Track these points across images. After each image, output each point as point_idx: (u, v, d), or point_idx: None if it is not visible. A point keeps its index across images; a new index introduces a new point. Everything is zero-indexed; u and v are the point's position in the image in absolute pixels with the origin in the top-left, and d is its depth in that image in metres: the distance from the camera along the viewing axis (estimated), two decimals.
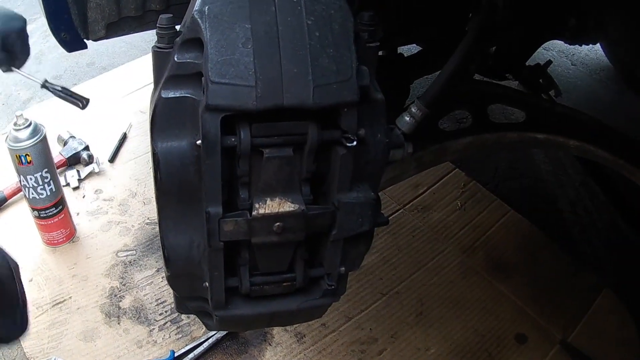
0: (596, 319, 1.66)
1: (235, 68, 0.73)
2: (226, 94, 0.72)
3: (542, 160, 2.23)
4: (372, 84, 0.81)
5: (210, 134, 0.74)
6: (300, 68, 0.73)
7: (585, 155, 1.39)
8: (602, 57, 2.59)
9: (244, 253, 0.85)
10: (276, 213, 0.80)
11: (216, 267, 0.83)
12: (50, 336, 1.59)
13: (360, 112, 0.78)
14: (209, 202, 0.79)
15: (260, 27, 0.74)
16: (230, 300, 0.88)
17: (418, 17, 1.38)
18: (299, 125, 0.77)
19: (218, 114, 0.73)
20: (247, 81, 0.72)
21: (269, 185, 0.79)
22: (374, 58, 0.82)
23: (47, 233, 1.77)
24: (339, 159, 0.79)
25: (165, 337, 1.60)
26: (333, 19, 0.77)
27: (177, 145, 0.80)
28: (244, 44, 0.73)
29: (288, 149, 0.78)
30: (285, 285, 0.89)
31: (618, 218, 1.60)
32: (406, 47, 1.87)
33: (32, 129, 1.59)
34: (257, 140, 0.76)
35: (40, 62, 2.78)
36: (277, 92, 0.73)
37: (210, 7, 0.75)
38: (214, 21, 0.74)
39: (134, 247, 1.81)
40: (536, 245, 1.84)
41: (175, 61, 0.78)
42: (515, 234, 1.87)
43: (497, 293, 1.71)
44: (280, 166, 0.78)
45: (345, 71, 0.75)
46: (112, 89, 2.39)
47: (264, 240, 0.81)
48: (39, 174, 1.64)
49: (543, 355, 1.59)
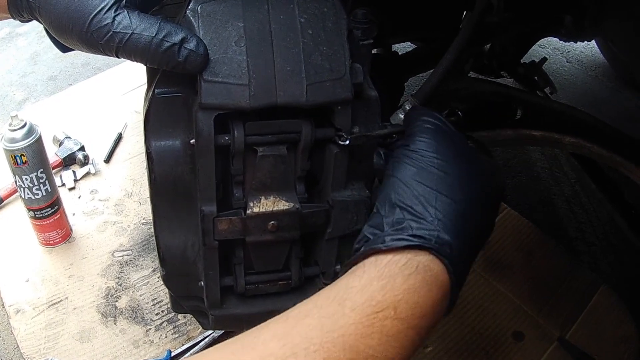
0: (594, 316, 1.66)
1: (228, 66, 0.73)
2: (219, 92, 0.72)
3: (538, 157, 2.23)
4: (366, 81, 0.81)
5: (204, 132, 0.74)
6: (294, 66, 0.73)
7: (581, 152, 1.39)
8: (598, 54, 2.59)
9: (239, 252, 0.85)
10: (271, 211, 0.80)
11: (211, 266, 0.83)
12: (47, 336, 1.59)
13: (354, 109, 0.78)
14: (204, 201, 0.79)
15: (253, 25, 0.74)
16: (225, 299, 0.88)
17: (413, 15, 1.38)
18: (293, 124, 0.77)
19: (211, 112, 0.73)
20: (240, 80, 0.72)
21: (263, 183, 0.79)
22: (367, 56, 0.82)
23: (43, 233, 1.77)
24: (333, 157, 0.79)
25: (162, 336, 1.60)
26: (326, 16, 0.77)
27: (171, 144, 0.80)
28: (237, 42, 0.73)
29: (282, 147, 0.78)
30: (280, 284, 0.89)
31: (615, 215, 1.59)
32: (401, 45, 1.87)
33: (27, 129, 1.59)
34: (250, 139, 0.76)
35: (35, 63, 2.78)
36: (270, 90, 0.73)
37: (204, 6, 0.75)
38: (207, 20, 0.74)
39: (130, 247, 1.81)
40: (533, 243, 1.84)
41: None
42: (512, 232, 1.87)
43: (494, 291, 1.71)
44: (274, 164, 0.78)
45: (339, 69, 0.75)
46: (107, 89, 2.39)
47: (258, 238, 0.81)
48: (35, 174, 1.63)
49: (541, 352, 1.58)
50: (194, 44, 0.71)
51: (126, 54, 0.71)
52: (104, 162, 2.08)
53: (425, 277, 0.63)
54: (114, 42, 0.69)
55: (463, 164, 0.73)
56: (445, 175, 0.70)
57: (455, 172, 0.71)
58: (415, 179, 0.70)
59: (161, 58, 0.71)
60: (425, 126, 0.75)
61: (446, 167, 0.71)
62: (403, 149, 0.74)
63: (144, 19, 0.70)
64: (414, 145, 0.73)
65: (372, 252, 0.66)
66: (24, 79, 2.70)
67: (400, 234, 0.65)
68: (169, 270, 0.88)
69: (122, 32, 0.69)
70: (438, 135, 0.74)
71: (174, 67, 0.72)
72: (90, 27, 0.68)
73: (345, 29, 0.77)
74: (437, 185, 0.69)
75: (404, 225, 0.66)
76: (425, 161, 0.71)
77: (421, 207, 0.68)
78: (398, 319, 0.60)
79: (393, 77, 1.36)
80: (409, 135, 0.76)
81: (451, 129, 0.76)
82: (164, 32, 0.70)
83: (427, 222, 0.66)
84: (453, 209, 0.68)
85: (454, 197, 0.69)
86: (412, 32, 1.51)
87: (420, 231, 0.65)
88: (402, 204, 0.69)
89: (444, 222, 0.67)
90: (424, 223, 0.66)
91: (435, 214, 0.67)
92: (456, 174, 0.71)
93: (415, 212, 0.67)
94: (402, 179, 0.71)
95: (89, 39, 0.69)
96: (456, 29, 1.18)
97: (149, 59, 0.72)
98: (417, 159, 0.72)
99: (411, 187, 0.69)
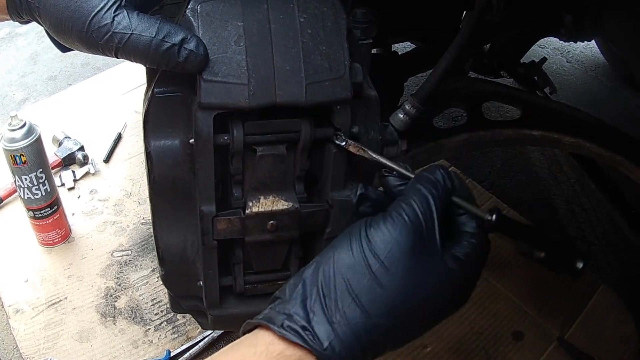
0: (594, 316, 1.66)
1: (227, 66, 0.72)
2: (219, 92, 0.72)
3: (537, 157, 2.23)
4: (365, 81, 0.81)
5: (203, 132, 0.74)
6: (293, 66, 0.73)
7: (581, 151, 1.39)
8: (598, 54, 2.59)
9: (238, 251, 0.85)
10: (270, 211, 0.80)
11: (210, 266, 0.83)
12: (46, 337, 1.58)
13: (353, 109, 0.78)
14: (203, 200, 0.79)
15: (252, 24, 0.74)
16: (224, 299, 0.88)
17: (412, 15, 1.38)
18: (292, 123, 0.76)
19: (211, 112, 0.73)
20: (239, 79, 0.72)
21: (262, 183, 0.79)
22: (367, 55, 0.82)
23: (42, 233, 1.77)
24: (333, 157, 0.79)
25: (161, 337, 1.59)
26: (325, 16, 0.77)
27: (170, 143, 0.80)
28: (236, 41, 0.73)
29: (281, 147, 0.78)
30: (279, 284, 0.88)
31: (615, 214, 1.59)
32: (400, 45, 1.87)
33: (27, 129, 1.59)
34: (250, 138, 0.76)
35: (35, 63, 2.78)
36: (269, 90, 0.73)
37: (203, 5, 0.75)
38: (207, 19, 0.74)
39: (129, 247, 1.81)
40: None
41: None
42: None
43: (494, 291, 1.71)
44: (273, 164, 0.78)
45: (338, 68, 0.75)
46: (107, 89, 2.39)
47: (257, 238, 0.81)
48: (34, 174, 1.63)
49: (540, 352, 1.58)
50: (193, 45, 0.71)
51: (125, 54, 0.70)
52: (103, 162, 2.07)
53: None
54: (113, 43, 0.69)
55: (410, 279, 0.65)
56: (378, 287, 0.64)
57: (392, 286, 0.64)
58: (347, 274, 0.65)
59: (161, 58, 0.71)
60: (404, 217, 0.66)
61: (385, 278, 0.64)
62: (364, 226, 0.68)
63: (144, 19, 0.69)
64: (376, 232, 0.66)
65: (264, 327, 0.64)
66: (24, 79, 2.70)
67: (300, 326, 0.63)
68: (168, 270, 0.87)
69: (122, 32, 0.68)
70: (410, 235, 0.65)
71: (173, 67, 0.71)
72: (89, 27, 0.68)
73: (345, 28, 0.77)
74: (360, 293, 0.64)
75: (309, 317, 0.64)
76: (369, 259, 0.65)
77: (333, 305, 0.64)
78: None
79: (393, 76, 1.36)
80: (388, 211, 0.68)
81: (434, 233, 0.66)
82: (164, 33, 0.70)
83: (329, 325, 0.63)
84: (362, 323, 0.63)
85: (372, 311, 0.64)
86: (412, 32, 1.51)
87: (319, 331, 0.63)
88: (321, 290, 0.65)
89: (346, 333, 0.63)
90: (325, 325, 0.63)
91: (340, 320, 0.63)
92: (393, 289, 0.64)
93: (324, 308, 0.64)
94: (336, 264, 0.66)
95: (89, 39, 0.69)
96: (456, 29, 1.18)
97: (149, 60, 0.71)
98: (363, 251, 0.65)
99: (337, 279, 0.65)
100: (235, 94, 0.72)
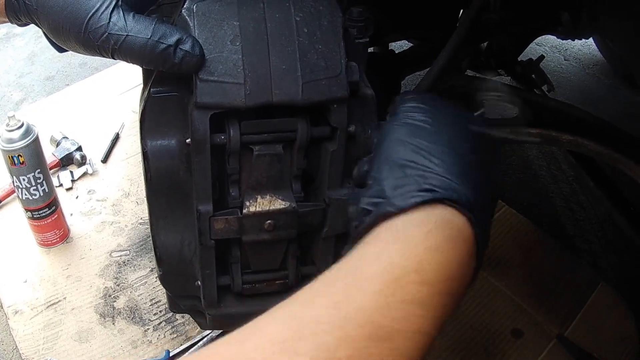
0: (593, 313, 1.66)
1: (223, 65, 0.73)
2: (215, 91, 0.72)
3: (535, 155, 2.23)
4: (362, 79, 0.81)
5: (200, 131, 0.74)
6: (289, 64, 0.73)
7: (579, 149, 1.38)
8: (595, 52, 2.59)
9: (236, 251, 0.85)
10: (267, 210, 0.80)
11: (208, 266, 0.83)
12: (45, 337, 1.58)
13: (350, 108, 0.78)
14: (200, 200, 0.79)
15: (248, 24, 0.74)
16: (222, 298, 0.88)
17: (409, 14, 1.38)
18: (289, 122, 0.76)
19: (207, 111, 0.73)
20: (235, 78, 0.72)
21: (259, 182, 0.79)
22: (363, 54, 0.82)
23: (40, 234, 1.77)
24: (329, 156, 0.79)
25: (160, 336, 1.59)
26: (322, 14, 0.77)
27: (166, 143, 0.80)
28: (232, 41, 0.73)
29: (278, 146, 0.78)
30: (277, 284, 0.88)
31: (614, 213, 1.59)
32: (397, 43, 1.87)
33: (25, 129, 1.58)
34: (246, 138, 0.76)
35: (32, 63, 2.78)
36: (266, 89, 0.73)
37: (199, 5, 0.75)
38: (202, 19, 0.74)
39: (128, 247, 1.81)
40: (531, 240, 1.83)
41: None
42: (510, 230, 1.86)
43: (493, 289, 1.71)
44: (270, 163, 0.78)
45: (335, 67, 0.75)
46: (104, 89, 2.39)
47: (255, 238, 0.81)
48: (32, 175, 1.63)
49: (540, 349, 1.58)
50: (189, 45, 0.71)
51: (122, 55, 0.70)
52: (101, 162, 2.07)
53: (447, 232, 0.55)
54: (109, 44, 0.69)
55: (456, 125, 0.66)
56: (439, 131, 0.64)
57: (449, 130, 0.64)
58: (410, 137, 0.63)
59: (156, 60, 0.71)
60: (410, 96, 0.70)
61: (439, 126, 0.64)
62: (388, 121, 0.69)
63: (139, 20, 0.70)
64: (401, 111, 0.68)
65: (382, 218, 0.58)
66: (21, 80, 2.69)
67: (409, 192, 0.57)
68: (165, 270, 0.88)
69: (117, 33, 0.68)
70: (426, 99, 0.68)
71: (169, 68, 0.72)
72: (87, 28, 0.68)
73: (341, 27, 0.77)
74: (434, 139, 0.62)
75: (410, 182, 0.58)
76: (416, 119, 0.65)
77: (426, 160, 0.60)
78: (423, 283, 0.52)
79: (389, 75, 1.36)
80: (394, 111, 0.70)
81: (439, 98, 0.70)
82: (159, 34, 0.70)
83: (436, 174, 0.58)
84: (459, 158, 0.61)
85: (456, 149, 0.62)
86: (409, 30, 1.51)
87: (430, 184, 0.57)
88: (403, 160, 0.61)
89: (454, 172, 0.59)
90: (432, 175, 0.58)
91: (441, 164, 0.59)
92: (450, 132, 0.64)
93: (419, 166, 0.60)
94: (397, 138, 0.64)
95: (86, 40, 0.69)
96: (453, 28, 1.18)
97: (145, 61, 0.71)
98: (407, 121, 0.65)
99: (408, 144, 0.62)
100: (232, 94, 0.72)
